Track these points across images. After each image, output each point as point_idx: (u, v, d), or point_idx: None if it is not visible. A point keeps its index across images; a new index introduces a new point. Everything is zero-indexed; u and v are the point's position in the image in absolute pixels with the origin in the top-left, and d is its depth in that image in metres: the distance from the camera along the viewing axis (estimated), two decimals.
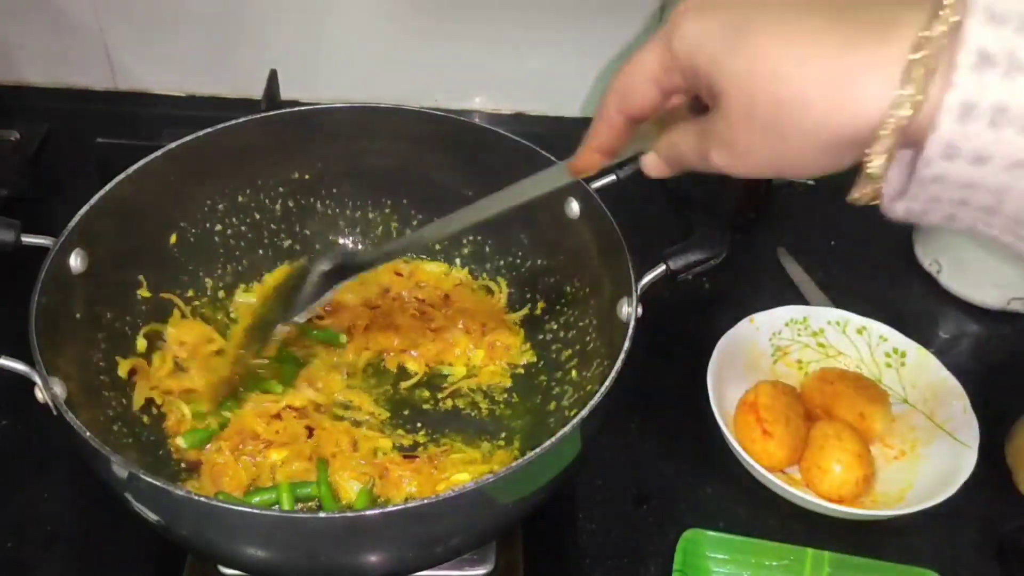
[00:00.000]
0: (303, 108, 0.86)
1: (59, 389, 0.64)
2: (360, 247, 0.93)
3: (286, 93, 1.02)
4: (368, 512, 0.57)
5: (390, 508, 0.56)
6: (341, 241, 0.93)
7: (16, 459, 0.80)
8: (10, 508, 0.77)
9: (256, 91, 1.03)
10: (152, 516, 0.62)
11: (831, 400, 0.84)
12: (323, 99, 0.86)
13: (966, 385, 0.84)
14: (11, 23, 1.09)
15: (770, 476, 0.76)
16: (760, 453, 0.79)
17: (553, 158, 0.80)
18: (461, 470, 0.76)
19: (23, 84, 1.15)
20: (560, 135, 1.13)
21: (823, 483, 0.78)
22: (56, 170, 1.06)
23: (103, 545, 0.75)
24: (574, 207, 0.81)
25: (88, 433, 0.59)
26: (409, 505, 0.57)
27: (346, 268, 0.72)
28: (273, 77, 1.01)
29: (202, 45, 1.11)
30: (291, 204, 0.91)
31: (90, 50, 1.11)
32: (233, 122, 0.83)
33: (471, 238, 0.92)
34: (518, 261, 0.91)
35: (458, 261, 0.93)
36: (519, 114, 1.17)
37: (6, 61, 1.13)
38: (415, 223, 0.93)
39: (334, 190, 0.91)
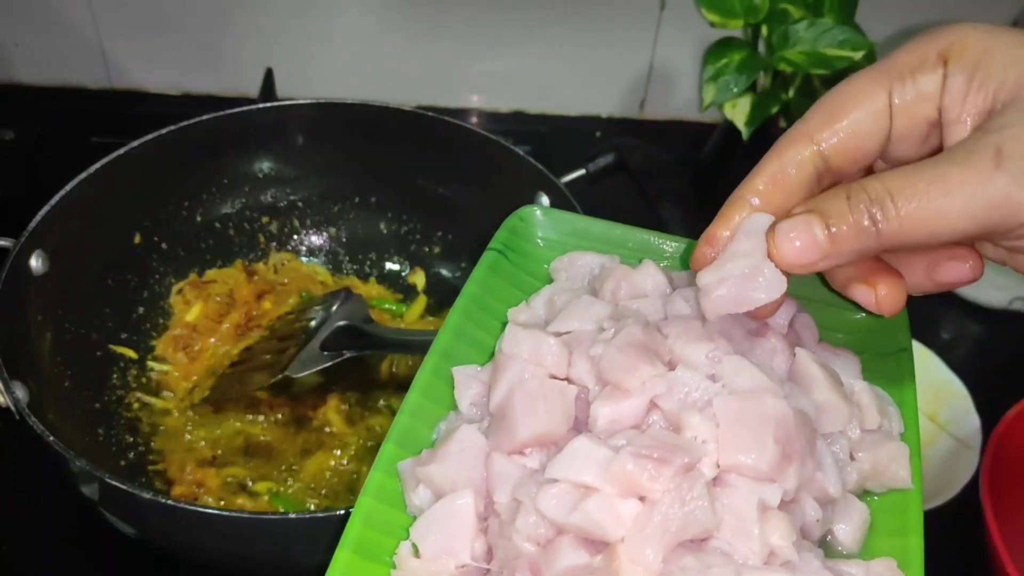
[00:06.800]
0: (270, 105, 0.85)
1: (21, 393, 0.62)
2: (324, 243, 0.92)
3: (282, 91, 1.01)
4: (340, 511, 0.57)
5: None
6: (312, 239, 0.92)
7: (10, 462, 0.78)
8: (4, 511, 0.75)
9: (252, 89, 1.02)
10: (124, 526, 0.61)
11: None
12: (320, 97, 0.85)
13: (968, 385, 0.83)
14: (5, 21, 1.07)
15: None
16: None
17: (529, 157, 0.80)
18: None
19: (17, 83, 1.13)
20: (558, 133, 1.14)
21: None
22: (51, 169, 1.03)
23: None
24: (544, 200, 0.80)
25: (52, 437, 0.58)
26: None
27: (362, 337, 0.70)
28: (269, 75, 1.00)
29: (197, 43, 1.09)
30: (258, 201, 0.89)
31: (85, 49, 1.09)
32: (197, 119, 0.81)
33: (439, 235, 0.91)
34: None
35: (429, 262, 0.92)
36: (517, 112, 1.16)
37: (0, 60, 1.11)
38: (383, 222, 0.92)
39: (302, 187, 0.90)
